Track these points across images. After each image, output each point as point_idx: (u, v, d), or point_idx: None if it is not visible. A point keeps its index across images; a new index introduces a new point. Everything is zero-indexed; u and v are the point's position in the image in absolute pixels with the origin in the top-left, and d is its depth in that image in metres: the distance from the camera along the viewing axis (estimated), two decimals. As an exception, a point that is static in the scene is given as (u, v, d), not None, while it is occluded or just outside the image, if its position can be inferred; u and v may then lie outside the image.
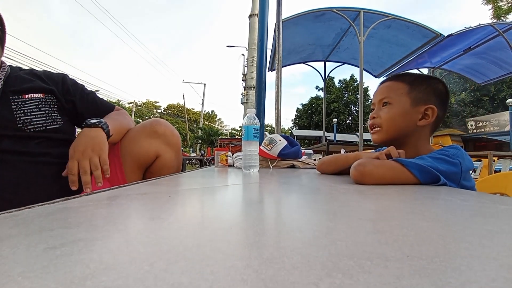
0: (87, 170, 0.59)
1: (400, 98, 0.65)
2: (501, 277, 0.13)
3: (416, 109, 0.63)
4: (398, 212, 0.29)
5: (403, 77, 0.68)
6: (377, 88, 0.72)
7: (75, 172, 0.58)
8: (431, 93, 0.64)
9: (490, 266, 0.14)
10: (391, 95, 0.66)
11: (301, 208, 0.33)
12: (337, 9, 3.56)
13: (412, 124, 0.64)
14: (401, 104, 0.65)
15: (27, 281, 0.12)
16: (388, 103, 0.66)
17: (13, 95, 0.62)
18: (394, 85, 0.67)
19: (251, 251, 0.16)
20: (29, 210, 0.26)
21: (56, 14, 74.50)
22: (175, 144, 0.82)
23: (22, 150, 0.60)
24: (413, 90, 0.65)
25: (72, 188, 0.58)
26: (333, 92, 22.42)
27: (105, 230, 0.22)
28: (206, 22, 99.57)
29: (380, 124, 0.67)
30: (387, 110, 0.66)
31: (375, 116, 0.68)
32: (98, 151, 0.61)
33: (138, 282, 0.12)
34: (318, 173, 0.81)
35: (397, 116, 0.65)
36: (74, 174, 0.58)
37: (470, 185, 0.57)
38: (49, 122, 0.65)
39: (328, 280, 0.12)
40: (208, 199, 0.38)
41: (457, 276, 0.13)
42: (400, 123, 0.64)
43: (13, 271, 0.13)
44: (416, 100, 0.64)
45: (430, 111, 0.63)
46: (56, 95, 0.69)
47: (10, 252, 0.15)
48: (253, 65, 8.37)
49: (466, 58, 4.43)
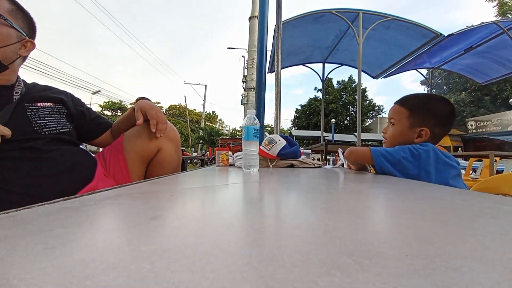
0: (165, 121, 0.80)
1: (401, 121, 0.82)
2: (507, 280, 0.12)
3: (412, 130, 0.80)
4: (397, 211, 0.29)
5: (407, 102, 0.84)
6: (391, 107, 0.90)
7: (155, 117, 0.78)
8: (429, 117, 0.79)
9: (494, 268, 0.14)
10: (396, 117, 0.84)
11: (300, 206, 0.33)
12: (336, 10, 3.57)
13: (409, 141, 0.80)
14: (401, 126, 0.82)
15: (22, 283, 0.12)
16: (393, 124, 0.85)
17: (27, 102, 0.68)
18: (399, 109, 0.84)
19: (251, 249, 0.16)
20: (28, 210, 0.25)
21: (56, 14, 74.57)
22: (174, 139, 0.86)
23: (39, 147, 0.65)
24: (411, 116, 0.81)
25: (157, 128, 0.78)
26: (332, 93, 22.47)
27: (106, 229, 0.22)
28: (207, 24, 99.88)
29: (386, 138, 0.87)
30: (392, 129, 0.85)
31: (384, 131, 0.89)
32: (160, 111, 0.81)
33: (139, 281, 0.12)
34: (316, 172, 0.83)
35: (397, 136, 0.83)
36: (155, 118, 0.78)
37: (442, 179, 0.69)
38: (61, 126, 0.72)
39: (327, 278, 0.12)
40: (209, 197, 0.38)
41: (458, 277, 0.13)
42: (399, 140, 0.82)
43: (8, 273, 0.13)
44: (413, 124, 0.80)
45: (423, 132, 0.78)
46: (65, 104, 0.76)
47: (6, 254, 0.15)
48: (253, 67, 8.39)
49: (467, 58, 4.37)
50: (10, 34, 0.64)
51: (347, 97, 22.82)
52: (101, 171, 0.76)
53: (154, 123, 0.77)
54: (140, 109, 0.79)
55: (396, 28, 3.85)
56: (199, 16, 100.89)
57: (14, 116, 0.64)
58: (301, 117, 24.25)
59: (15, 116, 0.64)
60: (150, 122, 0.78)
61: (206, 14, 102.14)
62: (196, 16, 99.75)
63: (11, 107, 0.64)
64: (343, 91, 23.20)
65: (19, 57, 0.68)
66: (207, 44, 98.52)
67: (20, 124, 0.64)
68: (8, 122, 0.61)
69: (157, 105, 0.84)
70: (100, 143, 0.90)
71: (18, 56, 0.67)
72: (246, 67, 9.48)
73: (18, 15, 0.66)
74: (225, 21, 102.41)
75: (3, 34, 0.62)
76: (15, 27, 0.64)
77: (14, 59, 0.66)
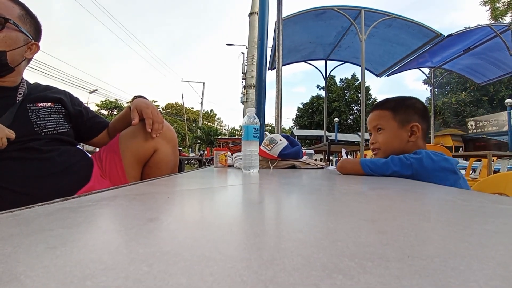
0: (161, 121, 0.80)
1: (389, 123, 0.80)
2: (499, 276, 0.13)
3: (404, 129, 0.78)
4: (399, 213, 0.29)
5: (386, 105, 0.83)
6: (369, 116, 0.87)
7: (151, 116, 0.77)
8: (412, 113, 0.78)
9: (488, 265, 0.14)
10: (381, 121, 0.81)
11: (301, 209, 0.33)
12: (338, 7, 3.55)
13: (404, 141, 0.78)
14: (391, 128, 0.79)
15: (29, 280, 0.12)
16: (381, 129, 0.82)
17: (29, 103, 0.70)
18: (381, 113, 0.82)
19: (251, 252, 0.16)
20: (30, 210, 0.26)
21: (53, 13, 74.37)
22: (171, 139, 0.86)
23: (39, 148, 0.67)
24: (396, 115, 0.79)
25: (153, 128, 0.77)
26: (335, 91, 22.32)
27: (104, 230, 0.22)
28: (205, 20, 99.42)
29: (379, 147, 0.82)
30: (382, 135, 0.81)
31: (374, 141, 0.84)
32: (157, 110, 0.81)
33: (137, 282, 0.12)
34: (319, 173, 0.83)
35: (390, 138, 0.80)
36: (151, 118, 0.77)
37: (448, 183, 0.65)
38: (59, 126, 0.73)
39: (329, 281, 0.12)
40: (208, 199, 0.38)
41: (456, 276, 0.13)
42: (394, 143, 0.79)
43: (16, 270, 0.13)
44: (401, 122, 0.78)
45: (415, 127, 0.76)
46: (64, 103, 0.77)
47: (13, 251, 0.15)
48: (253, 64, 8.35)
49: (466, 58, 4.44)
50: (18, 38, 0.67)
51: (350, 95, 22.65)
52: (98, 172, 0.77)
53: (150, 122, 0.76)
54: (136, 108, 0.78)
55: (398, 27, 3.83)
56: (198, 12, 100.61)
57: (16, 118, 0.66)
58: (303, 115, 24.14)
59: (17, 118, 0.66)
60: (146, 122, 0.77)
61: (204, 10, 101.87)
62: (195, 13, 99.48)
63: (14, 109, 0.66)
64: (346, 89, 23.02)
65: (25, 59, 0.71)
66: (205, 41, 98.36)
67: (22, 125, 0.65)
68: (11, 124, 0.63)
69: (153, 103, 0.83)
70: (97, 143, 0.90)
71: (24, 58, 0.71)
72: (245, 64, 9.44)
73: (27, 19, 0.70)
74: (224, 18, 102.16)
75: (12, 38, 0.65)
76: (23, 32, 0.68)
77: (20, 61, 0.70)
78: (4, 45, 0.63)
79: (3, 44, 0.63)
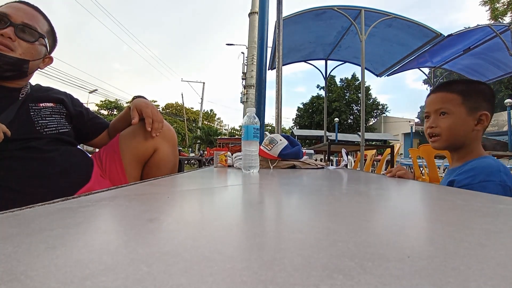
0: (161, 120, 0.80)
1: (456, 109, 0.71)
2: (498, 276, 0.13)
3: (472, 117, 0.69)
4: (399, 213, 0.29)
5: (454, 87, 0.73)
6: (429, 97, 0.77)
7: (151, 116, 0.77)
8: (482, 100, 0.70)
9: (488, 265, 0.14)
10: (447, 105, 0.72)
11: (302, 209, 0.33)
12: (338, 7, 3.55)
13: (469, 130, 0.70)
14: (458, 114, 0.70)
15: (29, 280, 0.12)
16: (446, 113, 0.72)
17: (31, 102, 0.71)
18: (447, 96, 0.73)
19: (251, 253, 0.16)
20: (30, 210, 0.26)
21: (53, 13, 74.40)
22: (171, 138, 0.86)
23: (40, 147, 0.67)
24: (466, 100, 0.70)
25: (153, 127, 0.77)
26: (335, 91, 22.27)
27: (104, 230, 0.22)
28: (205, 20, 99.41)
29: (439, 133, 0.73)
30: (446, 120, 0.72)
31: (434, 125, 0.74)
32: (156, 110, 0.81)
33: (137, 283, 0.12)
34: (319, 173, 0.82)
35: (457, 125, 0.71)
36: (150, 117, 0.77)
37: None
38: (61, 126, 0.74)
39: (329, 282, 0.12)
40: (207, 200, 0.38)
41: (456, 276, 0.13)
42: (459, 131, 0.71)
43: (16, 270, 0.13)
44: (471, 109, 0.70)
45: (484, 116, 0.69)
46: (65, 104, 0.79)
47: (13, 251, 0.16)
48: (253, 64, 8.34)
49: (466, 58, 4.45)
50: (41, 51, 0.73)
51: (350, 95, 22.61)
52: (98, 172, 0.77)
53: (149, 122, 0.77)
54: (135, 108, 0.78)
55: (398, 27, 3.83)
56: (198, 12, 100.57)
57: (18, 116, 0.66)
58: (303, 115, 24.12)
59: (19, 117, 0.67)
60: (145, 121, 0.77)
61: (204, 10, 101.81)
62: (195, 13, 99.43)
63: (15, 107, 0.67)
64: (346, 89, 22.99)
65: (37, 69, 0.76)
66: (205, 40, 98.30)
67: (24, 124, 0.66)
68: (12, 122, 0.63)
69: (153, 103, 0.83)
70: (97, 143, 0.90)
71: (38, 68, 0.76)
72: (245, 64, 9.43)
73: (50, 35, 0.76)
74: (224, 18, 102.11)
75: (37, 51, 0.71)
76: (47, 47, 0.74)
77: (35, 70, 0.75)
78: (30, 55, 0.69)
79: (30, 55, 0.69)
